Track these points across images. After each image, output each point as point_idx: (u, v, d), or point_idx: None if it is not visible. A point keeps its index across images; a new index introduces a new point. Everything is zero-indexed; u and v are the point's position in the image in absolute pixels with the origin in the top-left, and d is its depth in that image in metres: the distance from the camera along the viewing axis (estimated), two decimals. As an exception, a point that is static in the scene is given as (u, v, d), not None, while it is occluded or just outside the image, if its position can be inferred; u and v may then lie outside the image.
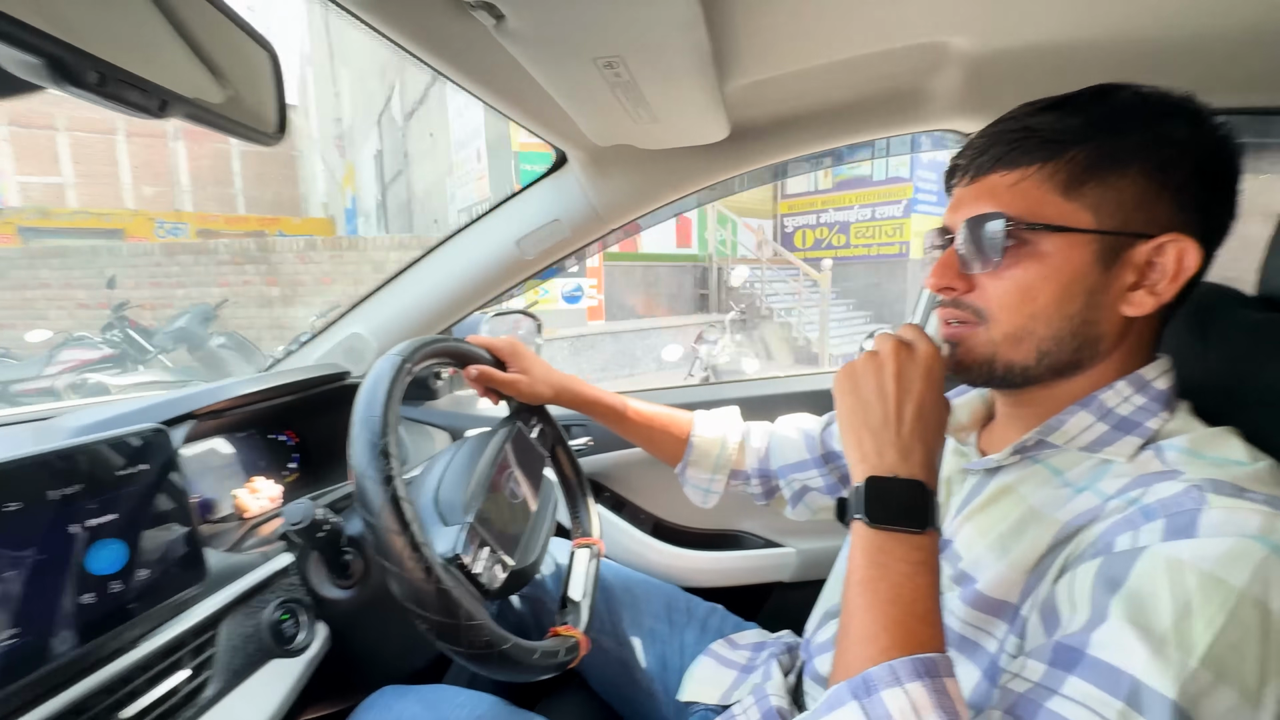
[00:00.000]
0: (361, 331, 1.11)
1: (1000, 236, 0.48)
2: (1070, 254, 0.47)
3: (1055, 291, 0.48)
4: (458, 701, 0.68)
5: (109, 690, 0.49)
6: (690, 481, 0.90)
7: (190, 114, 0.38)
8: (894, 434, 0.49)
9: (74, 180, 12.92)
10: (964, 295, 0.52)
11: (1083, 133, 0.47)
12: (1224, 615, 0.35)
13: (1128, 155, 0.46)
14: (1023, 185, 0.49)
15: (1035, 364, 0.50)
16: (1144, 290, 0.47)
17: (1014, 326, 0.50)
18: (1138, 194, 0.46)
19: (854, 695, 0.40)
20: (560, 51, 0.57)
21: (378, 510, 0.52)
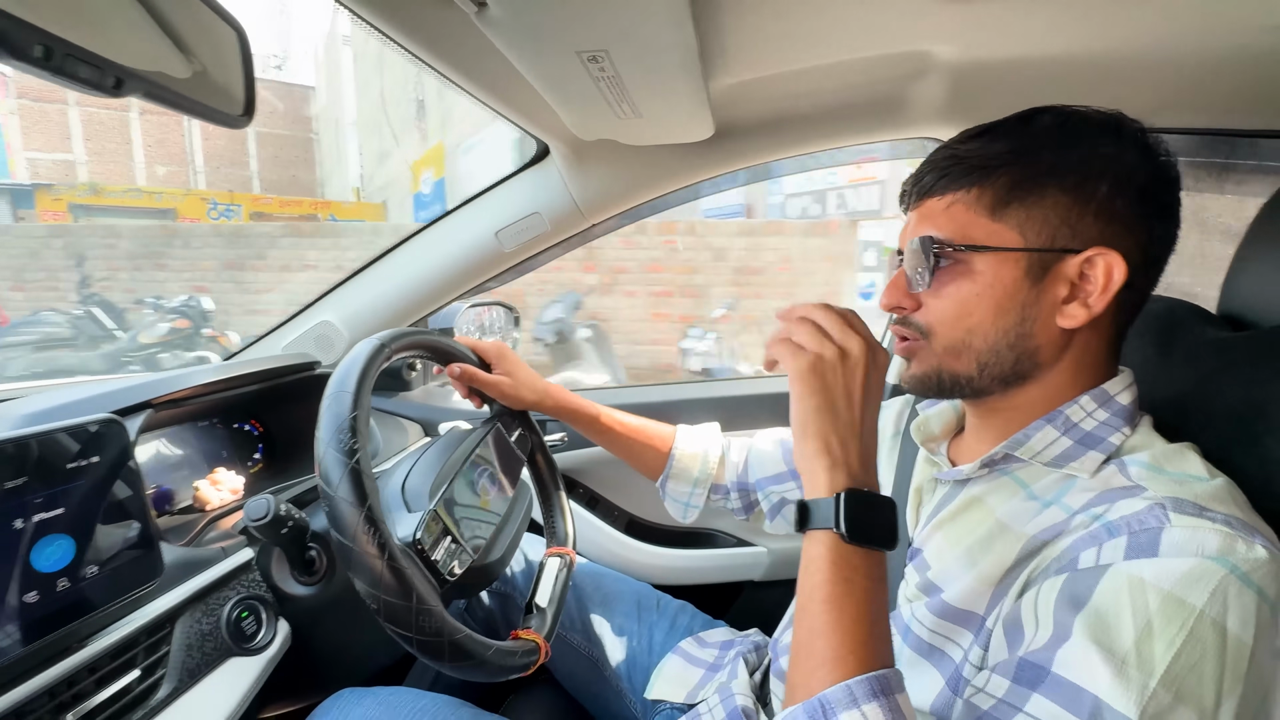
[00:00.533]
0: (333, 319, 1.08)
1: (934, 257, 0.51)
2: (1000, 271, 0.49)
3: (989, 307, 0.50)
4: (418, 705, 0.67)
5: (52, 693, 0.47)
6: (671, 495, 0.90)
7: (150, 93, 0.36)
8: (858, 441, 0.48)
9: (85, 158, 12.45)
10: (912, 314, 0.54)
11: (1005, 157, 0.50)
12: (1184, 635, 0.36)
13: (1046, 175, 0.49)
14: (953, 209, 0.51)
15: (978, 375, 0.52)
16: (1077, 303, 0.49)
17: (952, 340, 0.52)
18: (1060, 211, 0.48)
19: (810, 718, 0.40)
20: (543, 43, 0.55)
21: (336, 483, 0.50)
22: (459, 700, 0.69)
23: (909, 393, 0.57)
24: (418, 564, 0.56)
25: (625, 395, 1.28)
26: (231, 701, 0.57)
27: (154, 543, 0.55)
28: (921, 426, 0.65)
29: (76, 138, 12.26)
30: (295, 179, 14.85)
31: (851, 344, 0.49)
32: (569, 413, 0.88)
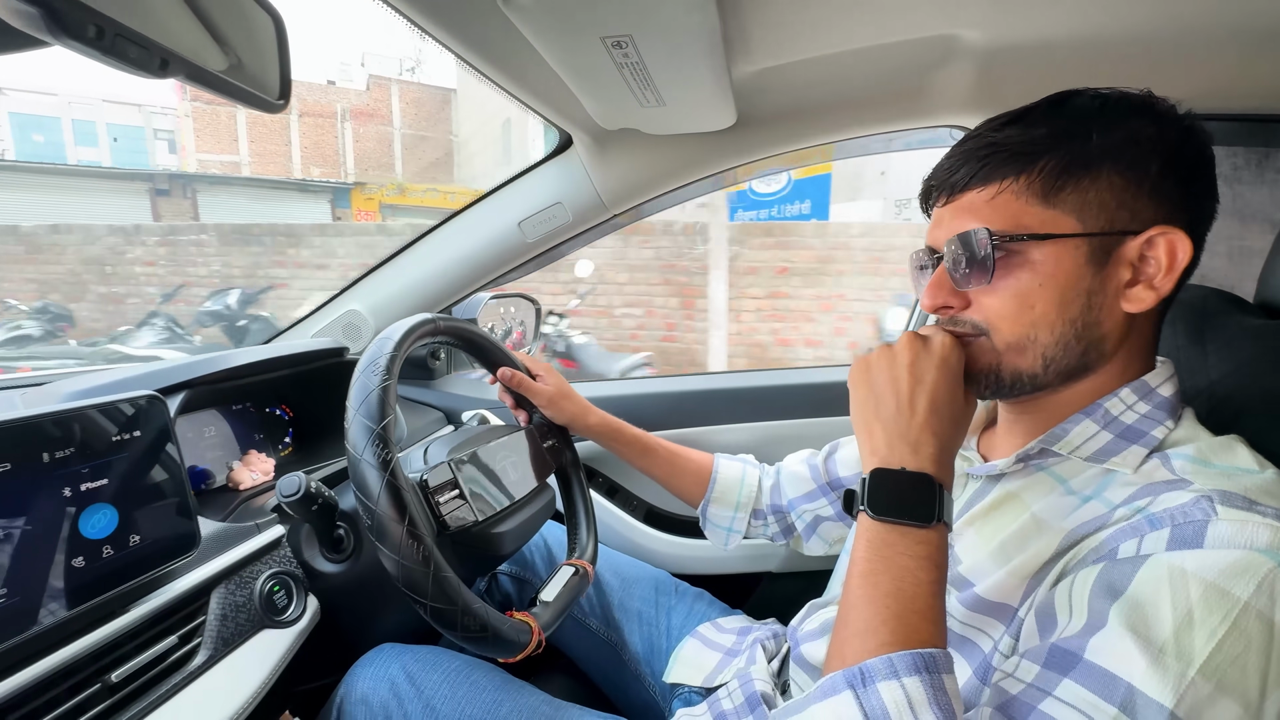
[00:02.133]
0: (360, 309, 1.10)
1: (989, 251, 0.48)
2: (1061, 259, 0.47)
3: (1053, 297, 0.48)
4: (453, 665, 0.69)
5: (97, 655, 0.49)
6: (712, 520, 0.90)
7: (191, 75, 0.37)
8: (905, 426, 0.48)
9: (249, 159, 12.94)
10: (960, 312, 0.52)
11: (1049, 142, 0.48)
12: (1226, 627, 0.35)
13: (1097, 157, 0.47)
14: (1000, 199, 0.49)
15: (1043, 371, 0.50)
16: (1142, 285, 0.48)
17: (1016, 336, 0.49)
18: (1116, 193, 0.47)
19: (849, 684, 0.40)
20: (568, 28, 0.56)
21: (376, 496, 0.52)
22: (492, 665, 0.71)
23: (978, 396, 0.54)
24: (420, 503, 0.58)
25: (635, 387, 1.29)
26: (264, 671, 0.59)
27: (192, 515, 0.57)
28: None
29: (242, 139, 12.74)
30: (435, 179, 15.26)
31: (898, 340, 0.52)
32: (611, 433, 0.90)
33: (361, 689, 0.67)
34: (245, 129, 12.65)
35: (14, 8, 0.27)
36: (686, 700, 0.79)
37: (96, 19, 0.29)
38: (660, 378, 1.33)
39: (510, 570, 0.98)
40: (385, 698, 0.66)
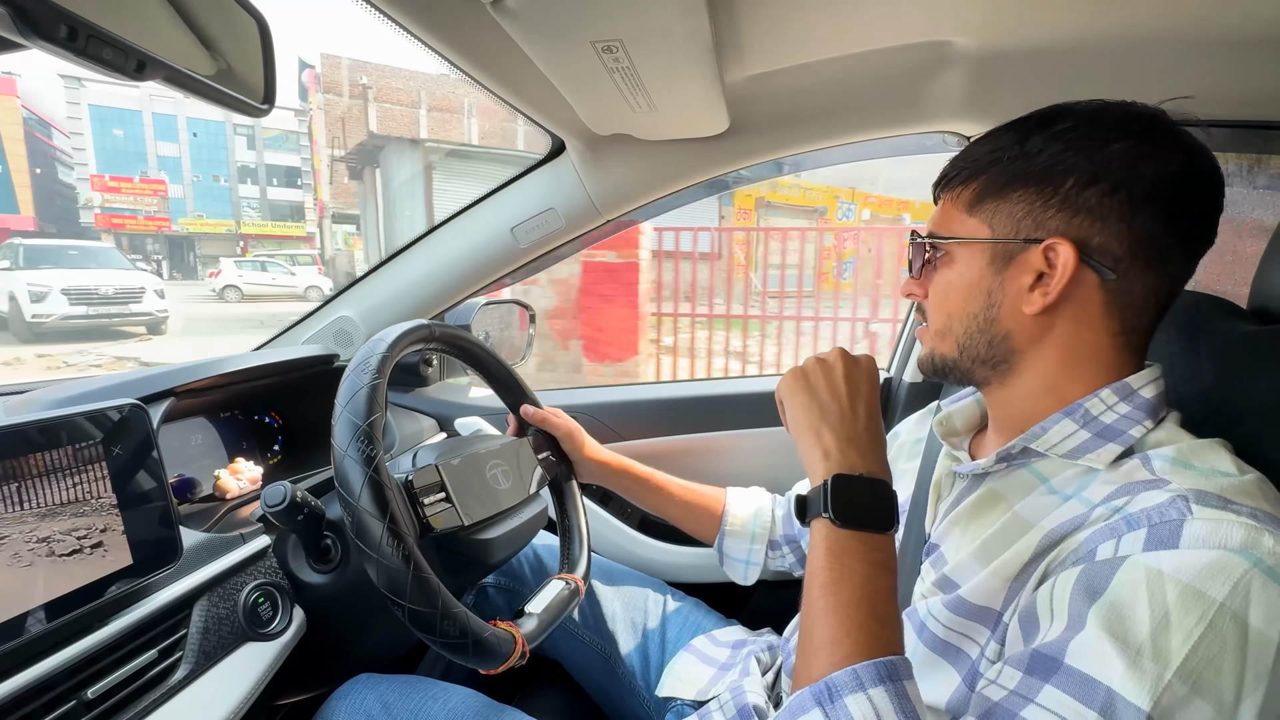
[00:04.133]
0: (351, 315, 1.10)
1: (923, 249, 0.57)
2: (970, 261, 0.53)
3: (960, 292, 0.54)
4: (432, 693, 0.68)
5: (74, 670, 0.48)
6: (729, 555, 0.90)
7: (170, 77, 0.37)
8: (852, 431, 0.52)
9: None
10: (921, 300, 0.59)
11: (986, 159, 0.53)
12: (1202, 628, 0.35)
13: (1017, 172, 0.51)
14: (944, 205, 0.57)
15: (959, 357, 0.56)
16: (1037, 290, 0.50)
17: (939, 324, 0.57)
18: (1026, 204, 0.50)
19: (817, 702, 0.40)
20: (558, 33, 0.56)
21: (357, 492, 0.51)
22: (473, 691, 0.70)
23: (920, 371, 0.61)
24: (404, 504, 0.57)
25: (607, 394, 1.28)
26: (247, 685, 0.58)
27: (174, 526, 0.56)
28: (944, 422, 0.65)
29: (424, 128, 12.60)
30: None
31: (827, 354, 0.58)
32: (625, 478, 0.90)
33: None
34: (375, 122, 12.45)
35: (-18, 7, 0.27)
36: (679, 713, 0.78)
37: (68, 19, 0.29)
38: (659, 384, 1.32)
39: (499, 582, 0.97)
40: None
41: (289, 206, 39.87)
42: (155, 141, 31.48)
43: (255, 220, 38.49)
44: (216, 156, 37.41)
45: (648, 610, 0.91)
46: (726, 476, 1.02)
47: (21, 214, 28.80)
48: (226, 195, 38.43)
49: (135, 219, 32.24)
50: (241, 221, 37.63)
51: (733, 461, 1.22)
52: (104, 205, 31.77)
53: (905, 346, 1.21)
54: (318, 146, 13.45)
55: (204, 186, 37.60)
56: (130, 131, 34.28)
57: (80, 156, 34.18)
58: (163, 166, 35.49)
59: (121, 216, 31.93)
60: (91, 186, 32.69)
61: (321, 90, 12.69)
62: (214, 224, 36.59)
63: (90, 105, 27.89)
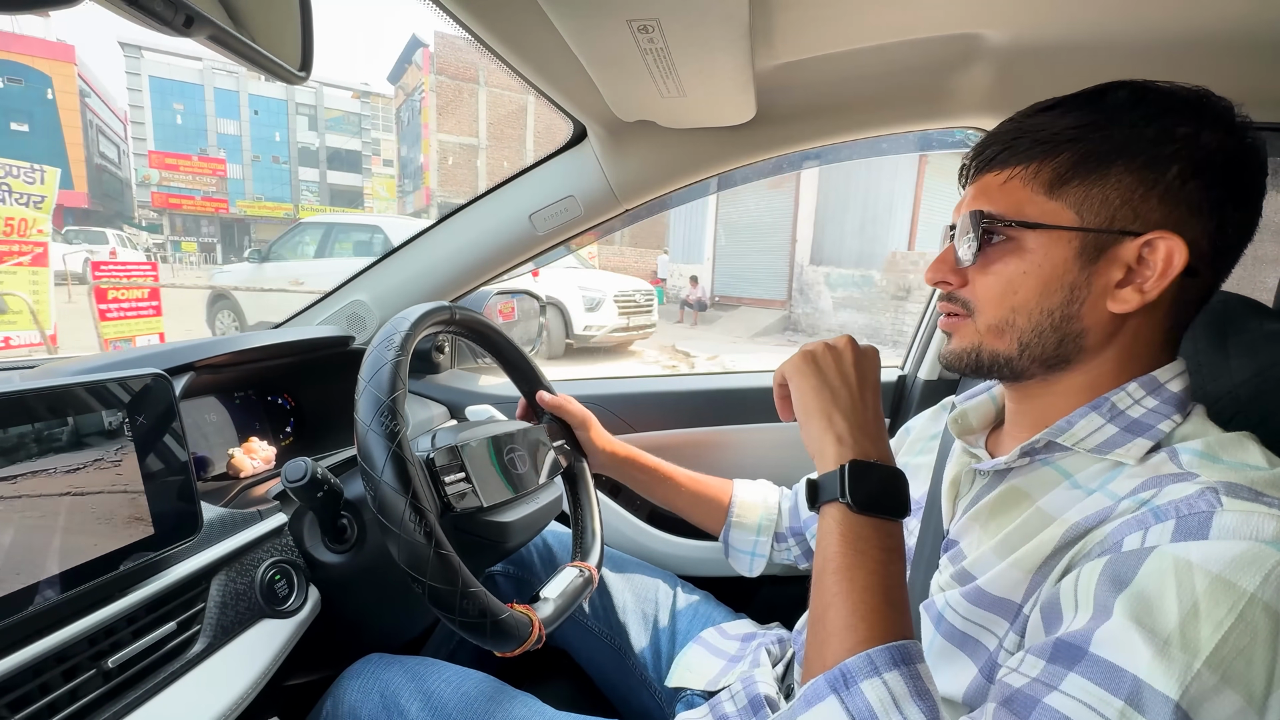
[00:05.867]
0: (365, 299, 1.09)
1: (984, 233, 0.50)
2: (1051, 250, 0.48)
3: (1035, 286, 0.49)
4: (445, 675, 0.67)
5: (93, 639, 0.48)
6: (735, 546, 0.89)
7: (214, 36, 0.36)
8: (862, 417, 0.52)
9: (486, 143, 12.69)
10: (957, 289, 0.54)
11: (1071, 134, 0.48)
12: (1232, 619, 0.35)
13: (1113, 154, 0.47)
14: (1009, 184, 0.50)
15: (1018, 355, 0.51)
16: (1131, 287, 0.47)
17: (996, 318, 0.51)
18: (1124, 192, 0.46)
19: (833, 689, 0.40)
20: (595, 11, 0.55)
21: (380, 467, 0.51)
22: (485, 674, 0.69)
23: (946, 368, 0.57)
24: (425, 481, 0.57)
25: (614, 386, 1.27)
26: (263, 661, 0.57)
27: (195, 499, 0.55)
28: (959, 419, 0.64)
29: (482, 121, 12.50)
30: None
31: (835, 340, 0.56)
32: (634, 467, 0.89)
33: (350, 700, 0.65)
34: (485, 110, 12.36)
35: (39, -52, 0.26)
36: (689, 703, 0.78)
37: (123, -34, 0.28)
38: (669, 377, 1.31)
39: (508, 570, 0.96)
40: (375, 710, 0.64)
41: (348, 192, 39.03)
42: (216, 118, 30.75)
43: (314, 204, 37.69)
44: (276, 136, 36.59)
45: (658, 602, 0.91)
46: (735, 470, 1.01)
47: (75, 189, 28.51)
48: (285, 177, 37.41)
49: (193, 199, 31.29)
50: (300, 206, 36.79)
51: (741, 455, 1.21)
52: (161, 184, 31.10)
53: (922, 342, 1.21)
54: (429, 131, 13.18)
55: (263, 168, 36.69)
56: (191, 107, 33.38)
57: (138, 131, 33.24)
58: (222, 145, 34.61)
59: (179, 196, 31.12)
60: (149, 163, 31.81)
61: (435, 71, 12.51)
62: (272, 207, 35.68)
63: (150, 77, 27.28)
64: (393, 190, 38.86)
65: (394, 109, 30.47)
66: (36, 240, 4.68)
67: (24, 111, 27.85)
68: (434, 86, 12.39)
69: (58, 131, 27.98)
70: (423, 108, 13.22)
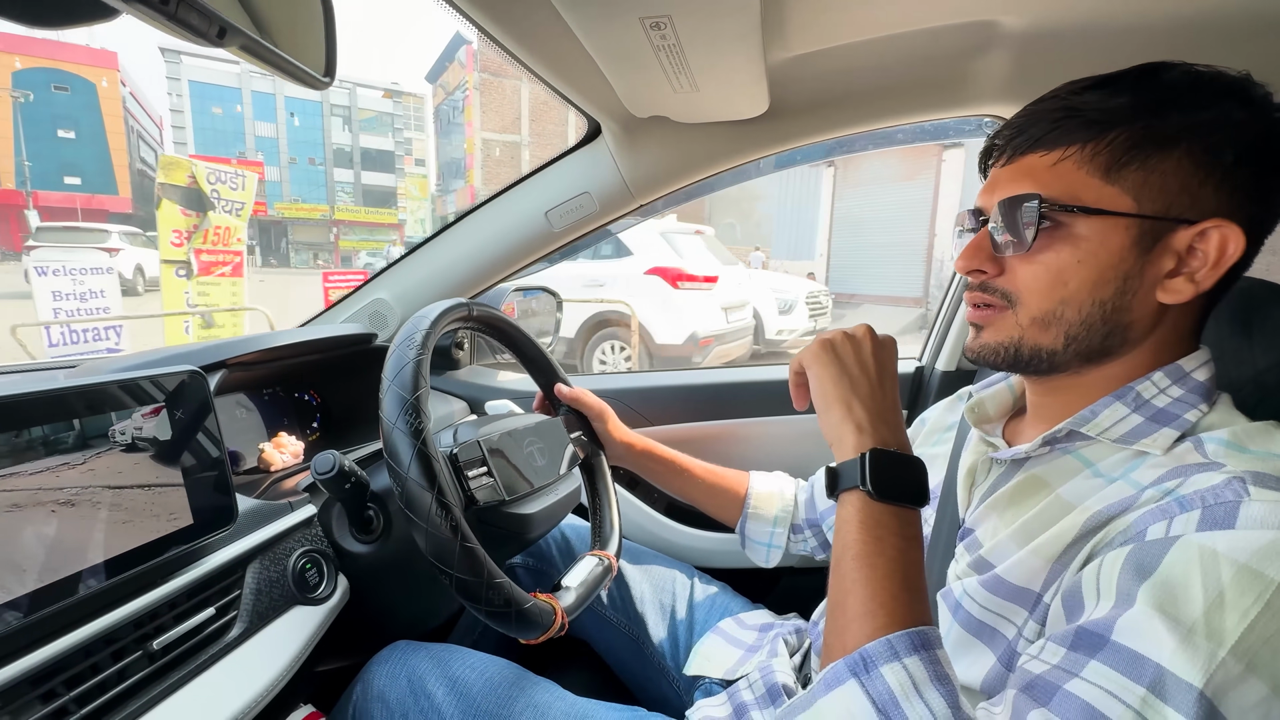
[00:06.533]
0: (386, 297, 1.11)
1: (1035, 218, 0.47)
2: (1107, 238, 0.46)
3: (1088, 276, 0.47)
4: (469, 662, 0.69)
5: (138, 623, 0.50)
6: (751, 538, 0.90)
7: (245, 46, 0.38)
8: (880, 405, 0.51)
9: (529, 139, 12.84)
10: (993, 279, 0.52)
11: (1128, 113, 0.45)
12: (1259, 607, 0.35)
13: (1173, 137, 0.45)
14: (1061, 166, 0.47)
15: (1062, 349, 0.50)
16: (1183, 277, 0.46)
17: (1043, 311, 0.49)
18: (1182, 177, 0.45)
19: (853, 673, 0.41)
20: (607, 8, 0.56)
21: (407, 463, 0.52)
22: (507, 661, 0.71)
23: (974, 362, 0.55)
24: (449, 475, 0.58)
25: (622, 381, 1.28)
26: (296, 646, 0.60)
27: (230, 490, 0.58)
28: (976, 408, 0.63)
29: (525, 117, 12.69)
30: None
31: (854, 329, 0.55)
32: (650, 459, 0.90)
33: (379, 685, 0.67)
34: (528, 107, 12.50)
35: (85, -32, 0.28)
36: (707, 691, 0.79)
37: (162, -18, 0.30)
38: (685, 370, 1.32)
39: (527, 562, 0.98)
40: (402, 694, 0.66)
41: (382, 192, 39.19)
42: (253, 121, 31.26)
43: (349, 206, 38.03)
44: (311, 138, 37.01)
45: (675, 593, 0.92)
46: (750, 462, 1.02)
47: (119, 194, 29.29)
48: (321, 178, 37.83)
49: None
50: (335, 207, 37.18)
51: (757, 448, 1.22)
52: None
53: (940, 333, 1.20)
54: (472, 129, 13.31)
55: (299, 170, 37.17)
56: (229, 110, 33.85)
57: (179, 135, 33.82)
58: (260, 147, 35.29)
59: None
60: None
61: (479, 69, 12.59)
62: (309, 209, 36.14)
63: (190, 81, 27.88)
64: (425, 190, 38.97)
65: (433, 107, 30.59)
66: (235, 249, 4.52)
67: (70, 118, 28.74)
68: (478, 84, 12.46)
69: (102, 138, 28.79)
70: (466, 105, 13.29)
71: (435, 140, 31.96)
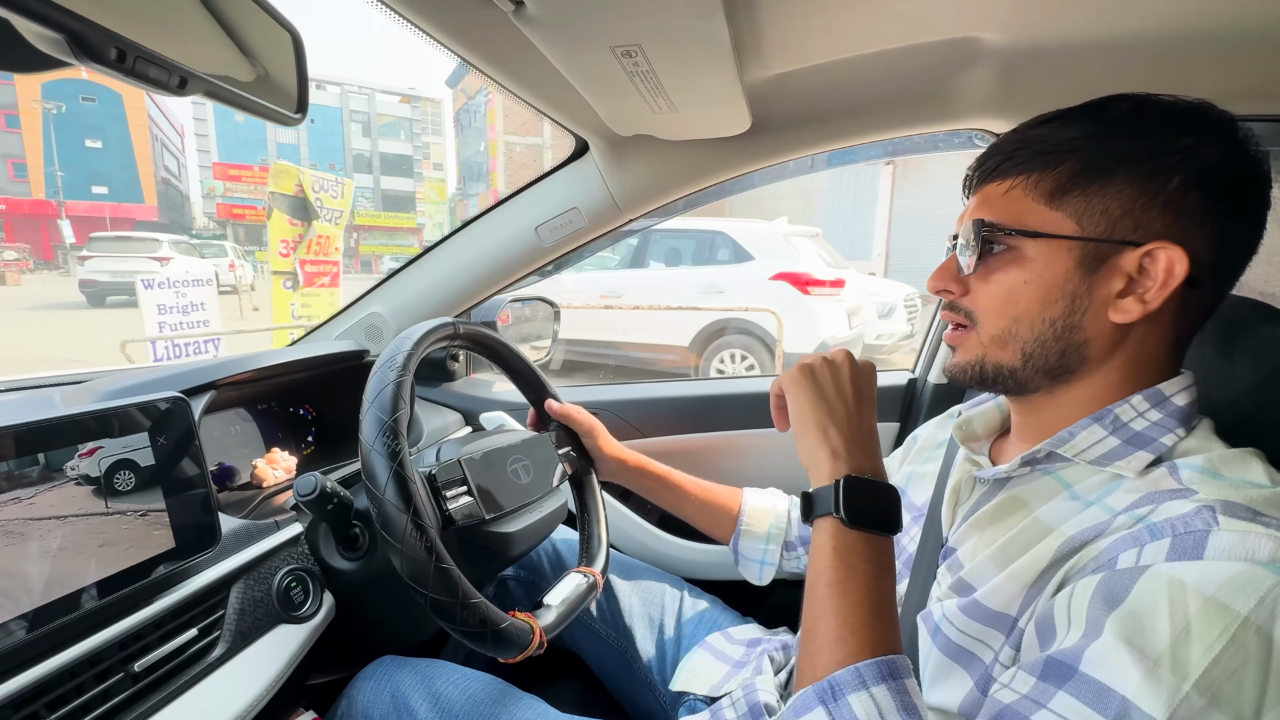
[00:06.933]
0: (381, 311, 1.13)
1: (986, 241, 0.51)
2: (1051, 260, 0.49)
3: (1036, 295, 0.49)
4: (453, 678, 0.70)
5: (122, 644, 0.52)
6: (744, 555, 0.90)
7: (210, 91, 0.39)
8: (856, 432, 0.53)
9: (551, 141, 13.05)
10: (959, 299, 0.55)
11: (1072, 144, 0.48)
12: (1224, 641, 0.35)
13: (1114, 164, 0.47)
14: (1011, 194, 0.51)
15: (1021, 366, 0.51)
16: (1133, 297, 0.47)
17: (999, 329, 0.52)
18: (1124, 202, 0.47)
19: (820, 700, 0.41)
20: (578, 39, 0.57)
21: (383, 485, 0.53)
22: (493, 677, 0.72)
23: (951, 380, 0.58)
24: (426, 496, 0.59)
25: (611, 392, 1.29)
26: (279, 664, 0.61)
27: (214, 512, 0.59)
28: (963, 426, 0.64)
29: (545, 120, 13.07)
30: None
31: (833, 354, 0.57)
32: (642, 475, 0.90)
33: (363, 701, 0.68)
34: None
35: (40, 34, 0.29)
36: (691, 708, 0.79)
37: (118, 42, 0.31)
38: (680, 382, 1.32)
39: (518, 575, 0.99)
40: (385, 710, 0.67)
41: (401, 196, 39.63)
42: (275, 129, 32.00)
43: (369, 210, 38.52)
44: (331, 144, 37.71)
45: (664, 606, 0.92)
46: (746, 475, 1.02)
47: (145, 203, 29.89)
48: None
49: (255, 209, 32.38)
50: (355, 212, 37.69)
51: (752, 460, 1.22)
52: (225, 195, 32.41)
53: (932, 346, 1.19)
54: (495, 132, 13.47)
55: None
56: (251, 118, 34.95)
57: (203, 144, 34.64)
58: (281, 154, 36.01)
59: (241, 207, 32.36)
60: (213, 175, 33.18)
61: None
62: None
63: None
64: (443, 194, 39.29)
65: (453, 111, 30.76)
66: (334, 259, 4.40)
67: (98, 128, 29.47)
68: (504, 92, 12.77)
69: (129, 147, 29.48)
70: (488, 109, 13.36)
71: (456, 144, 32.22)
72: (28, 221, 28.61)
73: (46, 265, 25.95)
